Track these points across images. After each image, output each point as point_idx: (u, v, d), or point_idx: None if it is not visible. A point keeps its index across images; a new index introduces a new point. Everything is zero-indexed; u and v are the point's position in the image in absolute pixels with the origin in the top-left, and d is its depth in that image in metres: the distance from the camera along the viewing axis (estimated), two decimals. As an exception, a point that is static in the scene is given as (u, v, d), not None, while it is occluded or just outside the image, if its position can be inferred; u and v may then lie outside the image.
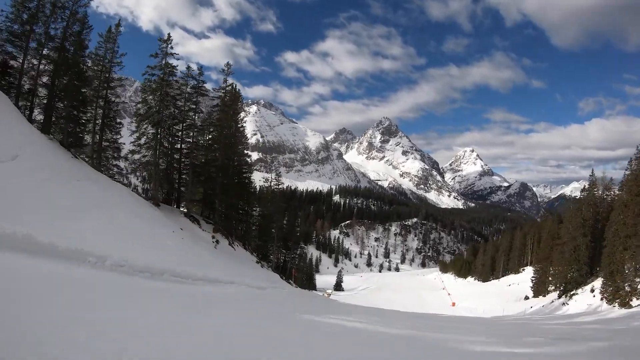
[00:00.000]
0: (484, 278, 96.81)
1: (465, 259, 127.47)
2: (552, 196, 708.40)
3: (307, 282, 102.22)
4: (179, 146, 32.80)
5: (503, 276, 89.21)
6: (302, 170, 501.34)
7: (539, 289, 55.11)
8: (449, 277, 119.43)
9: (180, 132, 32.41)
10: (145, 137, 29.62)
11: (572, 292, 40.97)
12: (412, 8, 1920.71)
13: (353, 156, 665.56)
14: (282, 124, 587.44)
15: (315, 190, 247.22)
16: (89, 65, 27.03)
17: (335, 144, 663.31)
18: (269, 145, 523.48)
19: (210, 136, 35.30)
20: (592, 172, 47.35)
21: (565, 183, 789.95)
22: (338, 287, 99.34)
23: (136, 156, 30.11)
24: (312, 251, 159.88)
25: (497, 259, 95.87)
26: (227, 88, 35.92)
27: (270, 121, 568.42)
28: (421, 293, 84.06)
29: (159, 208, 26.37)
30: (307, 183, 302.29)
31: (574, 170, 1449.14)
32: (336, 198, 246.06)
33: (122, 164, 31.34)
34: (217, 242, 28.19)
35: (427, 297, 77.18)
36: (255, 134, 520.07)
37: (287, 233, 52.12)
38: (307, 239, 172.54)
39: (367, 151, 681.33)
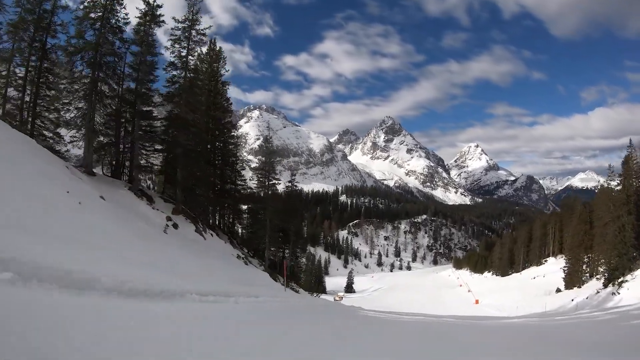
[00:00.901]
0: (502, 272, 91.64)
1: (480, 253, 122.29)
2: (559, 188, 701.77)
3: (316, 284, 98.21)
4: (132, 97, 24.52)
5: (523, 269, 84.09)
6: (307, 173, 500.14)
7: (573, 279, 50.08)
8: (465, 273, 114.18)
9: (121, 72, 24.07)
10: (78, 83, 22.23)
11: (620, 280, 36.02)
12: (409, 5, 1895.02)
13: (357, 157, 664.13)
14: (284, 127, 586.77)
15: (321, 192, 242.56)
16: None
17: (339, 145, 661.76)
18: (272, 149, 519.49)
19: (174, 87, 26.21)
20: (630, 142, 42.07)
21: (571, 174, 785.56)
22: (349, 289, 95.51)
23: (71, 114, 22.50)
24: (320, 253, 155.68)
25: (516, 251, 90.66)
26: (206, 30, 26.43)
27: (273, 125, 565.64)
28: (438, 292, 79.24)
29: (93, 178, 19.75)
30: (313, 185, 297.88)
31: (579, 161, 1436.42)
32: (342, 198, 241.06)
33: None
34: (174, 226, 20.89)
35: (445, 295, 72.21)
36: (258, 139, 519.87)
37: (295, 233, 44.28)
38: (315, 241, 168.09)
39: (372, 151, 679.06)
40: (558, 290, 51.09)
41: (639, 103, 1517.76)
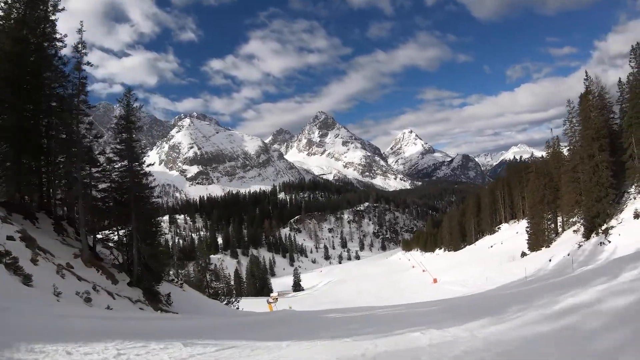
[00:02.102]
0: (455, 247, 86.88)
1: (428, 231, 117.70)
2: (494, 163, 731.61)
3: (260, 288, 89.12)
4: None
5: (476, 240, 79.39)
6: (244, 177, 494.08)
7: (539, 240, 44.37)
8: (416, 254, 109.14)
9: None
10: None
11: (605, 227, 29.80)
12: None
13: (294, 155, 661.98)
14: (217, 132, 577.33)
15: (258, 191, 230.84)
16: None
17: (274, 146, 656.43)
18: (207, 156, 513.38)
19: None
20: (587, 74, 36.31)
21: (504, 149, 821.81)
22: (297, 287, 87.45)
23: None
24: (263, 254, 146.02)
25: (466, 223, 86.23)
26: None
27: (205, 132, 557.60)
28: (391, 277, 72.27)
29: None
30: (252, 188, 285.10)
31: (511, 136, 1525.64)
32: (281, 196, 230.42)
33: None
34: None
35: (400, 280, 65.08)
36: (192, 147, 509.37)
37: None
38: (257, 242, 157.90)
39: (308, 148, 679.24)
40: (524, 254, 45.11)
41: (562, 75, 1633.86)
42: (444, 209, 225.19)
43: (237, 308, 30.40)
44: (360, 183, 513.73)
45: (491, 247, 62.13)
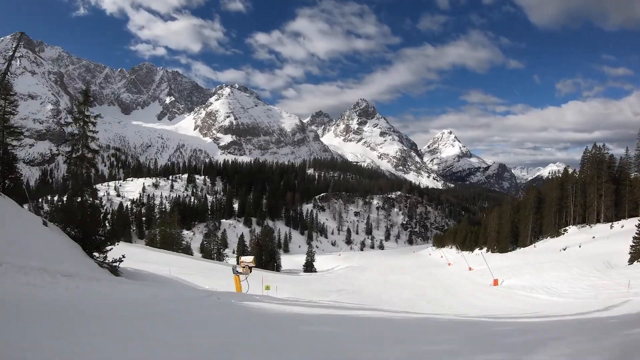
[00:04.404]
0: (502, 248, 72.58)
1: (467, 228, 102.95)
2: (529, 178, 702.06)
3: (265, 262, 77.79)
4: None
5: (531, 243, 65.30)
6: (277, 153, 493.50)
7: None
8: (450, 252, 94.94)
9: None
10: None
11: None
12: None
13: (330, 138, 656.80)
14: (256, 105, 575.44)
15: (287, 163, 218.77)
16: None
17: (312, 127, 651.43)
18: (242, 127, 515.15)
19: None
20: None
21: (542, 165, 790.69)
22: (309, 267, 76.26)
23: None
24: (280, 227, 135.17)
25: (521, 222, 71.88)
26: None
27: (244, 103, 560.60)
28: (430, 271, 59.16)
29: None
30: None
31: (551, 153, 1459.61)
32: (310, 172, 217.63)
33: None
34: None
35: (441, 276, 51.28)
36: (228, 116, 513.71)
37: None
38: (275, 214, 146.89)
39: (345, 133, 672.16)
40: (633, 260, 31.26)
41: (613, 98, 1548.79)
42: (477, 212, 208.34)
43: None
44: (392, 176, 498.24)
45: (564, 249, 47.98)
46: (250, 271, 17.29)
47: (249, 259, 17.61)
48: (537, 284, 33.01)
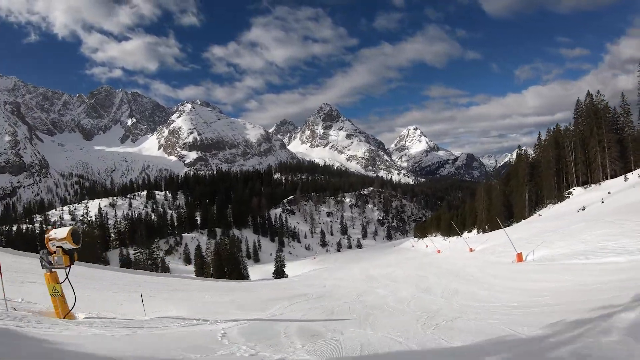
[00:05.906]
0: (495, 226, 63.04)
1: (452, 213, 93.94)
2: (499, 165, 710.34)
3: (228, 273, 67.06)
4: None
5: (530, 214, 56.49)
6: (244, 164, 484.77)
7: None
8: (436, 240, 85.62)
9: None
10: None
11: None
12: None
13: (297, 146, 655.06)
14: (219, 119, 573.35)
15: (252, 170, 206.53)
16: None
17: (277, 136, 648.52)
18: (207, 142, 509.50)
19: None
20: None
21: (508, 151, 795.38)
22: (279, 274, 65.89)
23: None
24: (247, 236, 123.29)
25: (515, 194, 63.26)
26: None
27: (207, 118, 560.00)
28: (423, 260, 48.46)
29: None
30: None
31: (516, 139, 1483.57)
32: (276, 177, 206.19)
33: None
34: None
35: (436, 262, 40.54)
36: (192, 132, 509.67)
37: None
38: (242, 223, 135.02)
39: (311, 139, 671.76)
40: None
41: (573, 79, 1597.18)
42: (454, 202, 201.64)
43: None
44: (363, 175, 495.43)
45: (582, 209, 38.57)
46: (71, 262, 6.73)
47: (62, 233, 6.84)
48: (581, 248, 22.42)
